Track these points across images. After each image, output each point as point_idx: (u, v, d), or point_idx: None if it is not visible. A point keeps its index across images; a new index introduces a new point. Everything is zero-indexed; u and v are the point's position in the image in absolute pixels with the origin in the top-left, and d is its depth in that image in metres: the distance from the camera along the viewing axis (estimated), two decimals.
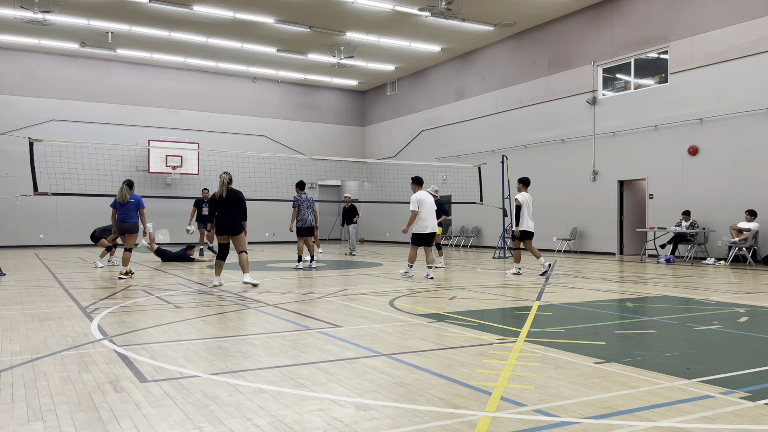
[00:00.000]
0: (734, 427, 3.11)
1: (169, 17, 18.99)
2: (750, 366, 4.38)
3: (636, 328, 5.96)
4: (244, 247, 9.56)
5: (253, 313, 6.94)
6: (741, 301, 7.95)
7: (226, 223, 9.35)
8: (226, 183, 9.40)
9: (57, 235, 23.07)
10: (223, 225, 9.35)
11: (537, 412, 3.34)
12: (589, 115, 18.45)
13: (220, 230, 9.38)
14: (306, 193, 13.30)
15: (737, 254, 14.33)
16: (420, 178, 11.54)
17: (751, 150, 14.52)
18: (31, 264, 14.41)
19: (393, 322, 6.22)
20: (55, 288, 9.42)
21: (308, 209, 13.09)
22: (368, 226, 29.40)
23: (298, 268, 12.79)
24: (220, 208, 9.36)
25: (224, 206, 9.34)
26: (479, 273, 12.20)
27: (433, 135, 25.10)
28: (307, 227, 13.04)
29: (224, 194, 9.35)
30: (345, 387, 3.84)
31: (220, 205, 9.35)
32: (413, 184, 11.44)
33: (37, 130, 22.01)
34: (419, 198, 11.09)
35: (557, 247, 19.19)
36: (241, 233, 9.44)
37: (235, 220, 9.37)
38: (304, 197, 13.13)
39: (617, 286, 9.88)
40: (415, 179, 11.47)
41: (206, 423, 3.18)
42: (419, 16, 18.81)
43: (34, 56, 22.88)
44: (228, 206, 9.34)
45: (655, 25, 16.58)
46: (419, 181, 11.46)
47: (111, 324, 6.15)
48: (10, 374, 4.17)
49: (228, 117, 26.55)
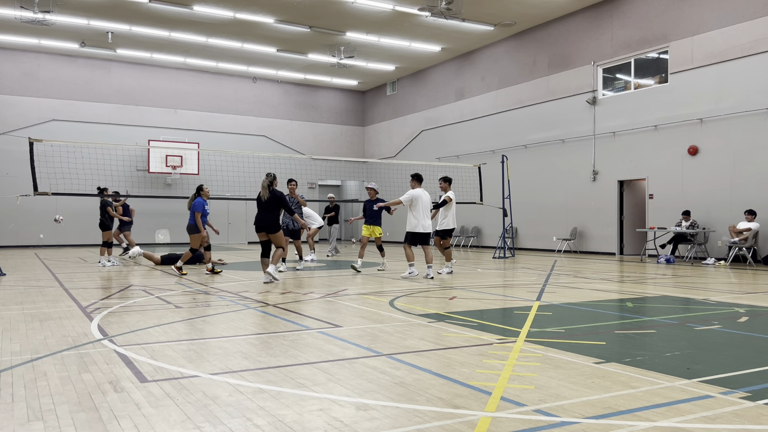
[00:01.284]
0: (734, 427, 3.11)
1: (169, 17, 18.99)
2: (750, 366, 4.38)
3: (636, 328, 5.96)
4: (281, 243, 10.24)
5: (253, 313, 6.94)
6: (741, 301, 7.95)
7: (263, 220, 10.05)
8: (266, 186, 10.05)
9: (57, 235, 23.07)
10: (260, 222, 10.07)
11: (537, 412, 3.34)
12: (589, 115, 18.45)
13: (257, 227, 10.09)
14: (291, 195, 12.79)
15: (737, 254, 14.33)
16: (420, 176, 11.41)
17: (751, 150, 14.52)
18: (31, 264, 14.41)
19: (393, 322, 6.22)
20: (55, 288, 9.41)
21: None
22: None
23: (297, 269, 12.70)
24: (260, 208, 10.09)
25: (263, 206, 10.05)
26: (479, 273, 12.19)
27: (433, 135, 25.10)
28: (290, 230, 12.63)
29: (265, 196, 10.00)
30: (345, 387, 3.84)
31: (261, 204, 10.09)
32: (413, 180, 11.34)
33: (37, 130, 22.01)
34: (415, 195, 10.98)
35: (557, 247, 19.19)
36: (278, 231, 10.08)
37: (272, 218, 10.02)
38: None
39: (617, 286, 9.88)
40: (415, 176, 11.37)
41: (206, 423, 3.18)
42: (419, 16, 18.81)
43: (34, 56, 22.88)
44: (267, 206, 10.02)
45: (655, 25, 16.58)
46: (419, 178, 11.35)
47: (111, 324, 6.15)
48: (10, 374, 4.17)
49: (228, 117, 26.55)
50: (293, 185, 12.94)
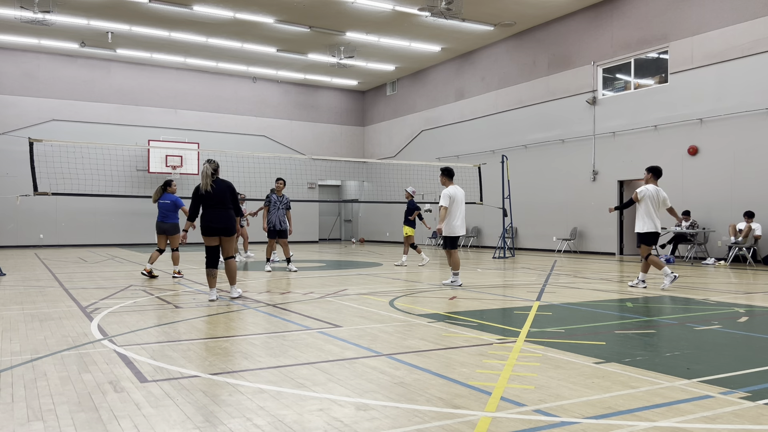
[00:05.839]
0: (734, 427, 3.11)
1: (169, 17, 18.98)
2: (750, 366, 4.38)
3: (636, 328, 5.96)
4: (232, 251, 8.02)
5: (253, 313, 6.94)
6: (741, 301, 7.95)
7: (218, 221, 7.75)
8: (209, 174, 7.77)
9: (57, 235, 23.06)
10: (214, 223, 7.74)
11: (537, 412, 3.34)
12: (589, 115, 18.45)
13: (209, 230, 7.76)
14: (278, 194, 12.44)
15: (737, 254, 14.33)
16: (451, 170, 9.97)
17: (751, 150, 14.52)
18: (31, 264, 14.41)
19: (393, 322, 6.22)
20: (55, 288, 9.41)
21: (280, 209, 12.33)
22: (368, 226, 29.40)
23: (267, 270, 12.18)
24: (207, 204, 7.79)
25: (213, 201, 7.76)
26: (479, 273, 12.19)
27: (433, 135, 25.10)
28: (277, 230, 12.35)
29: (210, 187, 7.76)
30: (345, 387, 3.84)
31: (207, 199, 7.78)
32: (443, 176, 9.92)
33: (37, 130, 22.00)
34: (451, 193, 9.67)
35: (557, 247, 19.19)
36: (234, 234, 7.93)
37: (228, 216, 7.82)
38: (274, 198, 12.39)
39: (617, 286, 9.88)
40: (446, 171, 9.93)
41: (206, 423, 3.18)
42: (419, 16, 18.80)
43: (34, 56, 22.87)
44: (217, 200, 7.77)
45: (655, 25, 16.58)
46: (450, 173, 9.92)
47: (111, 324, 6.15)
48: (10, 374, 4.17)
49: (228, 117, 26.55)
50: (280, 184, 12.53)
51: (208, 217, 7.76)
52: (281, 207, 12.43)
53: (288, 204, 12.58)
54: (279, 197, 12.44)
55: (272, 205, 12.38)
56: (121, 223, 23.91)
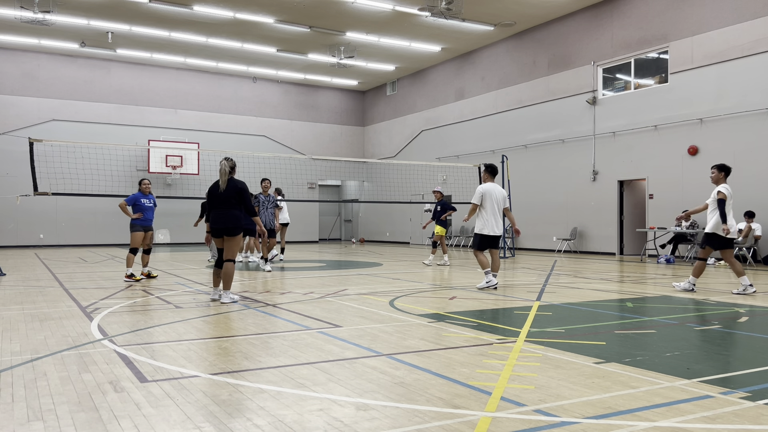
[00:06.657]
0: (734, 427, 3.11)
1: (169, 17, 18.98)
2: (750, 366, 4.38)
3: (636, 328, 5.96)
4: (233, 254, 7.73)
5: (253, 313, 6.94)
6: (741, 301, 7.95)
7: (218, 221, 7.55)
8: (227, 171, 7.66)
9: (57, 235, 23.07)
10: (215, 223, 7.56)
11: (537, 412, 3.34)
12: (589, 115, 18.45)
13: (212, 230, 7.62)
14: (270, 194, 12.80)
15: (737, 254, 14.32)
16: (494, 167, 9.60)
17: (751, 150, 14.52)
18: (31, 264, 14.41)
19: (393, 322, 6.22)
20: (55, 288, 9.41)
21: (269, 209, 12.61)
22: (368, 226, 29.41)
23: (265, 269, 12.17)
24: (213, 204, 7.66)
25: (219, 200, 7.62)
26: (479, 273, 12.18)
27: (433, 135, 25.10)
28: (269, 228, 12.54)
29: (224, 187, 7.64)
30: (345, 387, 3.84)
31: (214, 199, 7.65)
32: (485, 172, 9.59)
33: (37, 130, 22.00)
34: (484, 190, 9.27)
35: (557, 247, 19.19)
36: (238, 235, 7.65)
37: (234, 217, 7.57)
38: (262, 198, 12.68)
39: (617, 286, 9.88)
40: (489, 168, 9.57)
41: (206, 423, 3.18)
42: (419, 16, 18.80)
43: (34, 56, 22.88)
44: (223, 200, 7.61)
45: (655, 25, 16.58)
46: (493, 171, 9.55)
47: (111, 324, 6.15)
48: (10, 374, 4.17)
49: (228, 117, 26.55)
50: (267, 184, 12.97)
51: (212, 217, 7.66)
52: (269, 207, 12.84)
53: (275, 203, 13.02)
54: (266, 197, 12.83)
55: (261, 205, 12.70)
56: (122, 223, 23.81)
